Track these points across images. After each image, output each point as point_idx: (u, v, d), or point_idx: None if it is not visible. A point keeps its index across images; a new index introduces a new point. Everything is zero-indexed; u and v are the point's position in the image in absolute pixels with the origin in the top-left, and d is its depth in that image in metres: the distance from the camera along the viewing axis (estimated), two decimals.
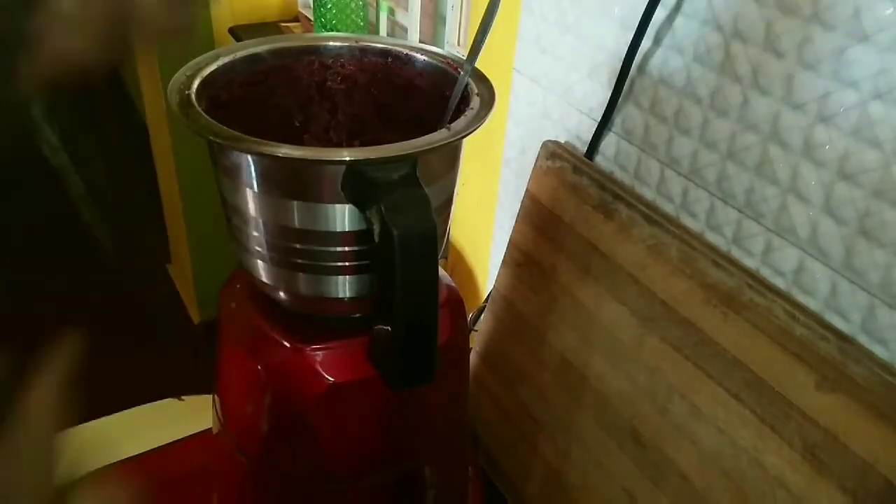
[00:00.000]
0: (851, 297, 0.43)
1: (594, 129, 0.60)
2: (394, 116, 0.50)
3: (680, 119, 0.52)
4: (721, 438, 0.47)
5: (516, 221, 0.65)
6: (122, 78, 1.87)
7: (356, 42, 0.48)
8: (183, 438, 0.67)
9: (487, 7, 0.40)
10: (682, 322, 0.49)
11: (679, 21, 0.50)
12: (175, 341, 1.64)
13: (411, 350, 0.39)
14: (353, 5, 0.93)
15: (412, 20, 0.90)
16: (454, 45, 0.83)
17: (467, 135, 0.38)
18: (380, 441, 0.46)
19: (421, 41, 0.87)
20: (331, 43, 0.48)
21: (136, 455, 0.64)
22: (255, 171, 0.38)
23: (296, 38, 0.49)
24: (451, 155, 0.42)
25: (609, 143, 0.59)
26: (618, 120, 0.58)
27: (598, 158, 0.61)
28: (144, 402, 0.72)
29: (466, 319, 0.53)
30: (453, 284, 0.49)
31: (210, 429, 0.54)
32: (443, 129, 0.38)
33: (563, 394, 0.59)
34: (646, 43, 0.53)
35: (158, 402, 0.73)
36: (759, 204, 0.47)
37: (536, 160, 0.64)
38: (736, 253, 0.50)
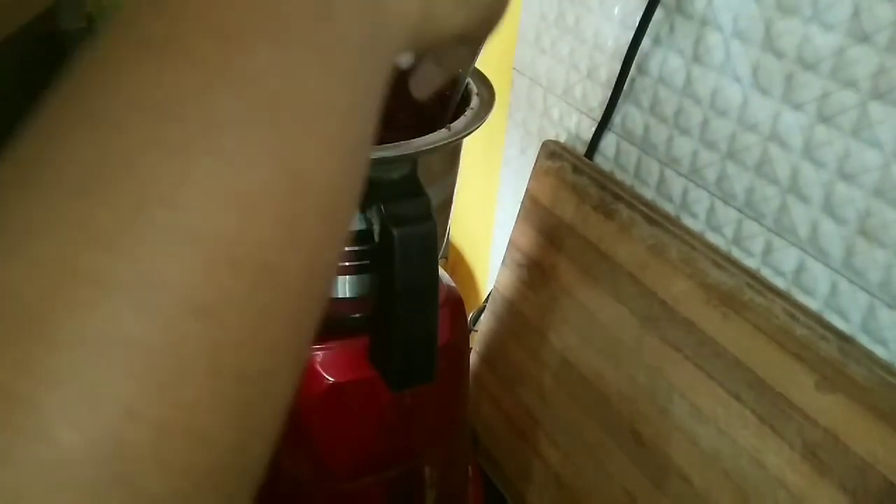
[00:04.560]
0: (851, 297, 0.43)
1: (594, 128, 0.60)
2: (394, 116, 0.49)
3: (680, 119, 0.52)
4: (721, 438, 0.47)
5: (516, 221, 0.65)
6: None
7: None
8: None
9: None
10: (682, 322, 0.49)
11: (679, 21, 0.50)
12: None
13: (411, 350, 0.39)
14: None
15: None
16: None
17: (467, 135, 0.38)
18: (380, 441, 0.46)
19: None
20: None
21: None
22: None
23: None
24: (451, 155, 0.42)
25: (609, 142, 0.59)
26: (618, 120, 0.58)
27: (598, 158, 0.61)
28: None
29: (466, 319, 0.53)
30: (453, 284, 0.49)
31: None
32: (443, 129, 0.38)
33: (563, 394, 0.59)
34: (646, 43, 0.53)
35: None
36: (759, 204, 0.47)
37: (536, 160, 0.64)
38: (736, 253, 0.50)
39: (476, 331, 0.71)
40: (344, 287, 0.42)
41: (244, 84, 0.16)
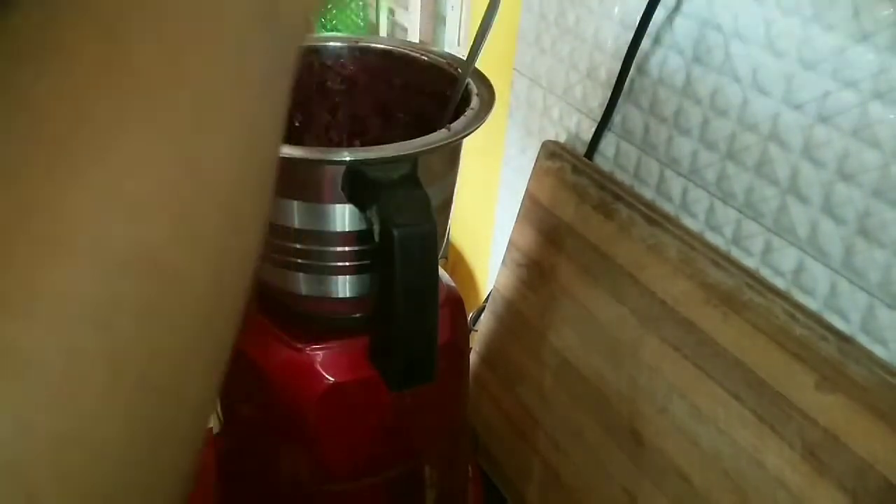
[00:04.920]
0: (851, 296, 0.43)
1: (594, 129, 0.60)
2: (394, 116, 0.50)
3: (680, 119, 0.52)
4: (721, 438, 0.47)
5: (516, 221, 0.65)
6: None
7: (356, 42, 0.48)
8: None
9: (487, 7, 0.40)
10: (681, 322, 0.49)
11: (679, 21, 0.50)
12: None
13: (411, 350, 0.39)
14: (353, 5, 0.94)
15: (412, 20, 0.90)
16: (454, 45, 0.83)
17: (467, 135, 0.38)
18: (380, 441, 0.46)
19: (421, 41, 0.87)
20: (331, 43, 0.48)
21: None
22: None
23: None
24: (451, 155, 0.42)
25: (609, 143, 0.59)
26: (617, 120, 0.58)
27: (598, 158, 0.61)
28: None
29: (466, 319, 0.53)
30: (453, 284, 0.49)
31: (210, 429, 0.54)
32: (443, 129, 0.38)
33: (563, 394, 0.59)
34: (646, 43, 0.53)
35: None
36: (758, 204, 0.47)
37: (536, 160, 0.64)
38: (735, 253, 0.50)
39: (476, 331, 0.71)
40: (344, 287, 0.42)
41: (127, 76, 0.15)
